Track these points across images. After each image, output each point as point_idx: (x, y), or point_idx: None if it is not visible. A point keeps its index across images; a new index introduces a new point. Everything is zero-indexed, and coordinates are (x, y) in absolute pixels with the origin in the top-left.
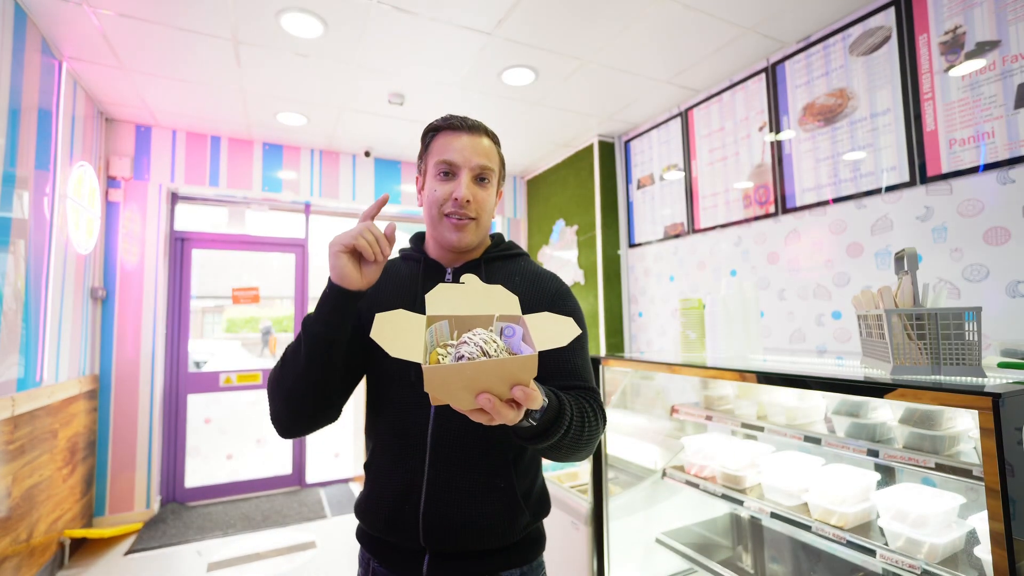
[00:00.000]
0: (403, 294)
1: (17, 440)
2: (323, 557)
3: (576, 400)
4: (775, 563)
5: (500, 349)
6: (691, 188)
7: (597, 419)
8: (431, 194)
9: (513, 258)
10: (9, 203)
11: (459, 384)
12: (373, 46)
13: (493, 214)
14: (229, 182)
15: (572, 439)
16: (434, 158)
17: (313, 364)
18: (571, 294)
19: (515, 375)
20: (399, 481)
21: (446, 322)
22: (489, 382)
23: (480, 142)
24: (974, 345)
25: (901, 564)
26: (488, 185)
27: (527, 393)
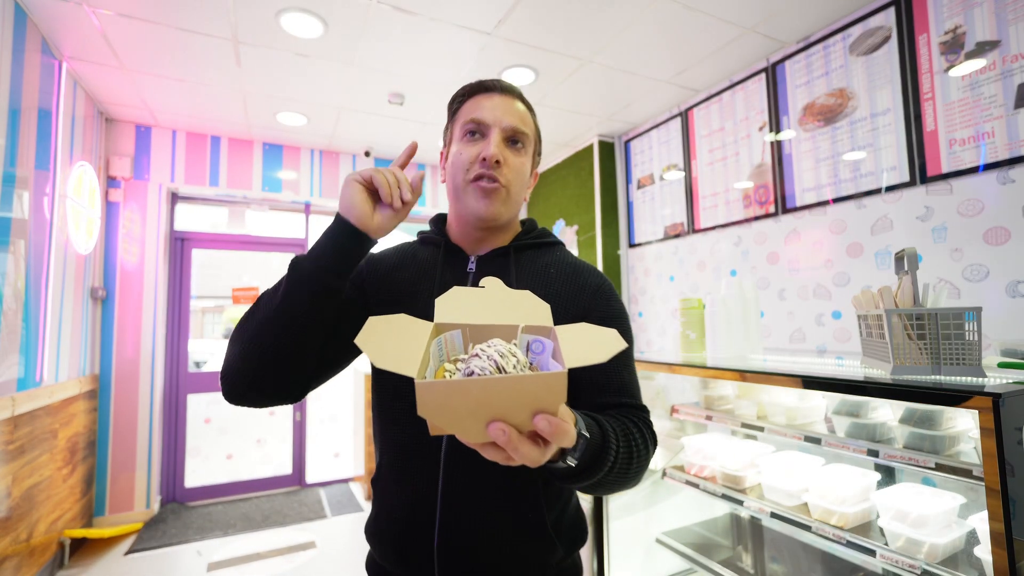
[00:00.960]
0: (421, 281)
1: (17, 440)
2: (323, 557)
3: (621, 424)
4: (775, 563)
5: (521, 365)
6: (691, 188)
7: (647, 445)
8: (455, 158)
9: (548, 247)
10: (9, 203)
11: (464, 407)
12: (373, 46)
13: (526, 191)
14: (229, 182)
15: (617, 474)
16: (462, 119)
17: (291, 305)
18: (615, 292)
19: (538, 399)
20: (408, 507)
21: (459, 332)
22: (504, 407)
23: (514, 104)
24: (974, 345)
25: (901, 564)
26: (522, 151)
27: (554, 426)
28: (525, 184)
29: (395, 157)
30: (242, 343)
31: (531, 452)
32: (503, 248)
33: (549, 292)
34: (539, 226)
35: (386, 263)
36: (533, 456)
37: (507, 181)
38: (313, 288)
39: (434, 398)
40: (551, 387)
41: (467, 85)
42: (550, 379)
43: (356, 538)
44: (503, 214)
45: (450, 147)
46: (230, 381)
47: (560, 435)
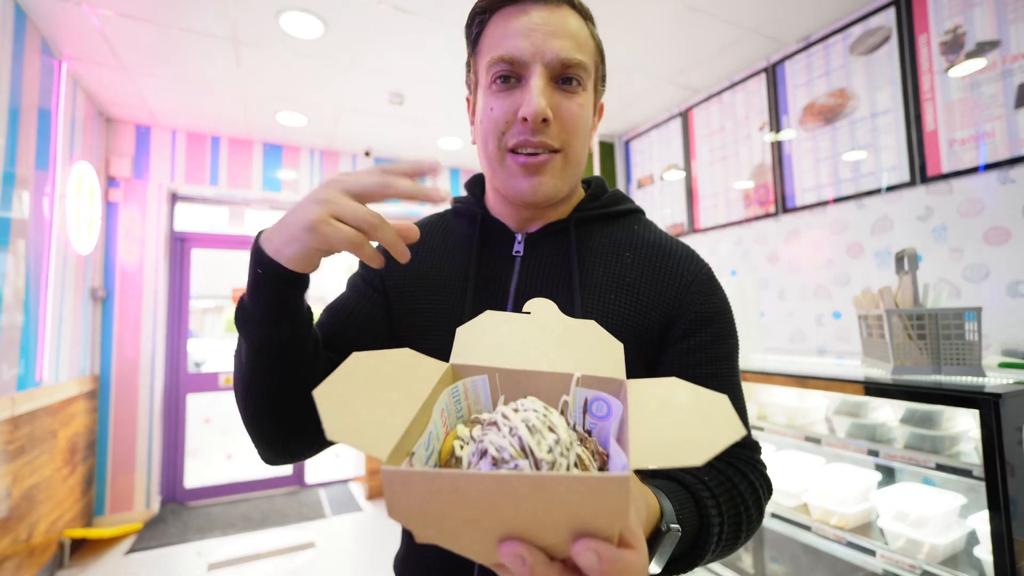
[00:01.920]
0: (452, 268)
1: (17, 440)
2: (323, 557)
3: (724, 484)
4: (775, 563)
5: (562, 447)
6: (691, 188)
7: (761, 504)
8: (485, 114)
9: (621, 218)
10: (9, 203)
11: (458, 514)
12: (373, 46)
13: (589, 143)
14: (229, 182)
15: (722, 554)
16: (486, 56)
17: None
18: (718, 284)
19: (582, 514)
20: (441, 557)
21: (485, 378)
22: (525, 520)
23: (561, 18)
24: (974, 345)
25: (901, 564)
26: (580, 92)
27: (608, 559)
28: (588, 135)
29: (395, 157)
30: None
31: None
32: (561, 222)
33: (624, 283)
34: (611, 188)
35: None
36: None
37: (562, 142)
38: (257, 349)
39: (412, 497)
40: (603, 499)
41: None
42: (601, 487)
43: (356, 538)
44: (560, 190)
45: (476, 95)
46: (262, 453)
47: (619, 573)
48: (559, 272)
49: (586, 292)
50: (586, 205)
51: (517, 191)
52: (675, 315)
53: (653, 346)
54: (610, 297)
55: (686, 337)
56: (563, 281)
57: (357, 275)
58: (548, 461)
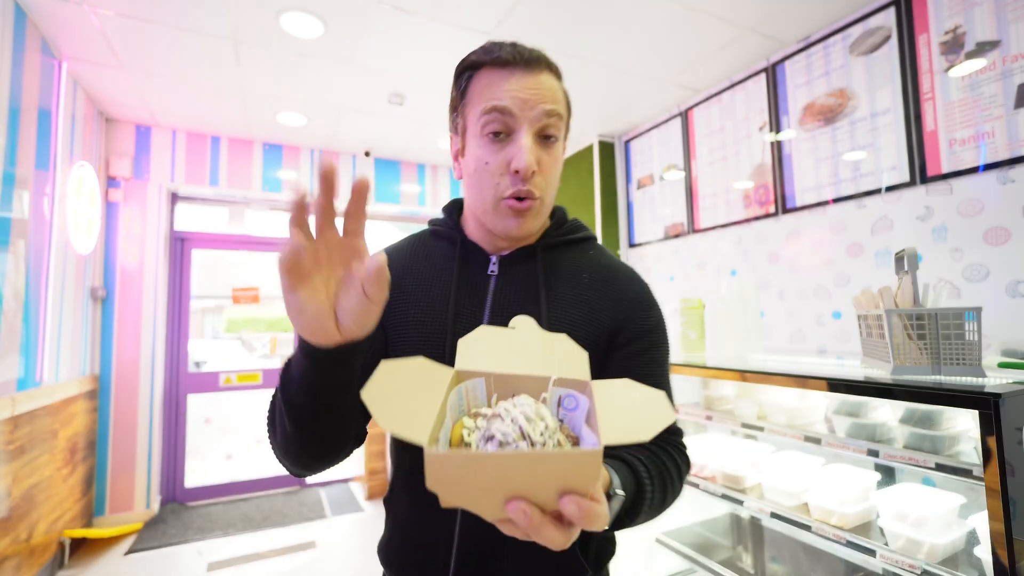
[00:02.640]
0: (435, 285)
1: (17, 440)
2: (323, 557)
3: (655, 459)
4: (775, 563)
5: (550, 431)
6: (691, 188)
7: (681, 477)
8: (478, 164)
9: (580, 244)
10: (9, 203)
11: (480, 483)
12: (373, 46)
13: (558, 184)
14: (229, 182)
15: (646, 516)
16: (477, 106)
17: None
18: (655, 302)
19: (566, 478)
20: (425, 532)
21: (482, 380)
22: (527, 484)
23: (542, 81)
24: (974, 345)
25: (901, 564)
26: (556, 144)
27: (584, 510)
28: (558, 179)
29: (395, 157)
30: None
31: (555, 536)
32: (530, 247)
33: (582, 300)
34: (569, 216)
35: (395, 265)
36: (557, 540)
37: (543, 190)
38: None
39: (446, 472)
40: (583, 467)
41: (477, 52)
42: (582, 458)
43: (356, 538)
44: (537, 227)
45: (465, 140)
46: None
47: (592, 519)
48: (529, 290)
49: (551, 307)
50: (551, 233)
51: (505, 229)
52: (620, 326)
53: (603, 351)
54: (571, 311)
55: (628, 344)
56: (532, 298)
57: None
58: (540, 442)
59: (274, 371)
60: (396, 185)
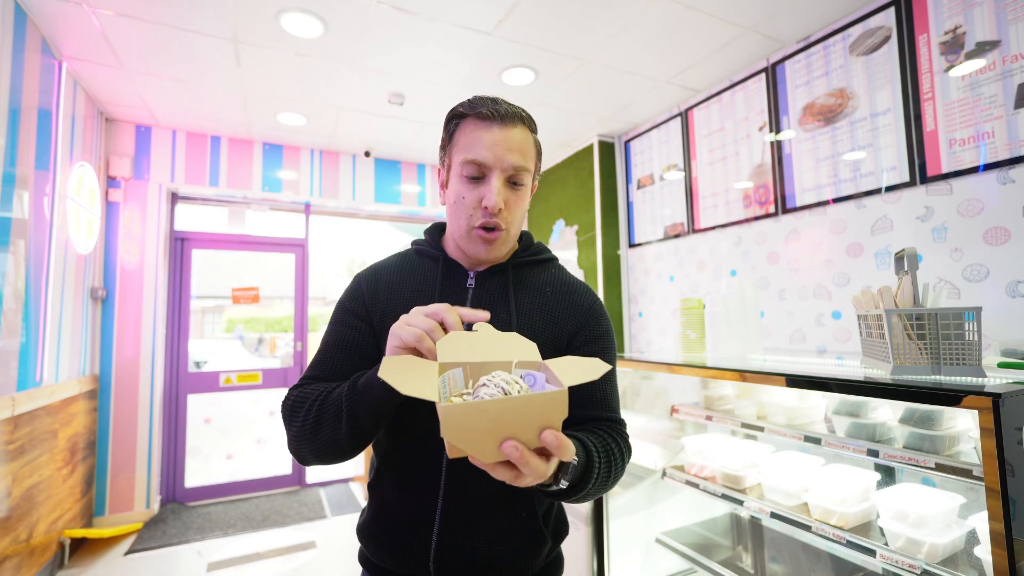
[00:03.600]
0: (421, 297)
1: (17, 440)
2: (323, 557)
3: (602, 440)
4: (775, 563)
5: (524, 391)
6: (691, 188)
7: (623, 458)
8: (457, 199)
9: (543, 264)
10: (9, 203)
11: (482, 427)
12: (373, 46)
13: (524, 218)
14: (229, 182)
15: (596, 488)
16: (460, 155)
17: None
18: (605, 312)
19: (544, 416)
20: (409, 512)
21: (460, 370)
22: (516, 425)
23: (513, 135)
24: (974, 345)
25: (901, 564)
26: (522, 189)
27: (559, 440)
28: (524, 217)
29: (395, 157)
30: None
31: (540, 465)
32: (501, 265)
33: (545, 309)
34: (535, 240)
35: (385, 280)
36: (541, 469)
37: (508, 223)
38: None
39: (456, 419)
40: (556, 404)
41: (463, 105)
42: (555, 397)
43: (356, 538)
44: (503, 252)
45: (449, 175)
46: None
47: (565, 449)
48: (501, 300)
49: (520, 314)
50: (520, 254)
51: (476, 253)
52: (576, 332)
53: (562, 351)
54: (536, 318)
55: (583, 347)
56: (504, 306)
57: (343, 311)
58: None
59: (274, 371)
60: (396, 185)
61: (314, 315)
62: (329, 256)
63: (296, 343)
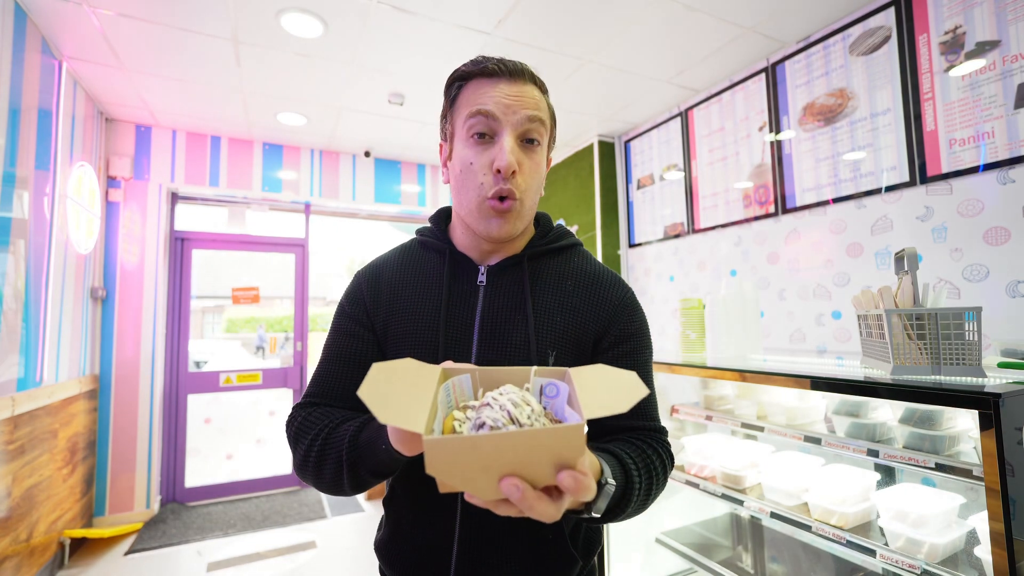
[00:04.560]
0: (426, 297)
1: (17, 440)
2: (323, 557)
3: (641, 452)
4: (775, 563)
5: (536, 414)
6: (691, 188)
7: (665, 472)
8: (462, 164)
9: (564, 252)
10: (9, 203)
11: (476, 464)
12: (373, 46)
13: (542, 189)
14: (229, 182)
15: (635, 509)
16: (464, 111)
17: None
18: (638, 306)
19: (555, 453)
20: (425, 535)
21: (467, 377)
22: (518, 461)
23: (526, 90)
24: (974, 345)
25: (901, 564)
26: (538, 149)
27: (577, 481)
28: (541, 184)
29: (395, 157)
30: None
31: (546, 509)
32: (516, 256)
33: (567, 307)
34: (555, 223)
35: (386, 280)
36: (549, 513)
37: (523, 191)
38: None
39: (444, 455)
40: (569, 441)
41: (466, 65)
42: (567, 432)
43: (356, 538)
44: (518, 229)
45: (452, 144)
46: None
47: (582, 491)
48: (516, 300)
49: (538, 316)
50: (537, 242)
51: (487, 230)
52: (604, 331)
53: (588, 354)
54: (556, 318)
55: (612, 348)
56: (519, 307)
57: (343, 317)
58: (528, 424)
59: (274, 371)
60: (396, 185)
61: (314, 315)
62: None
63: (296, 343)
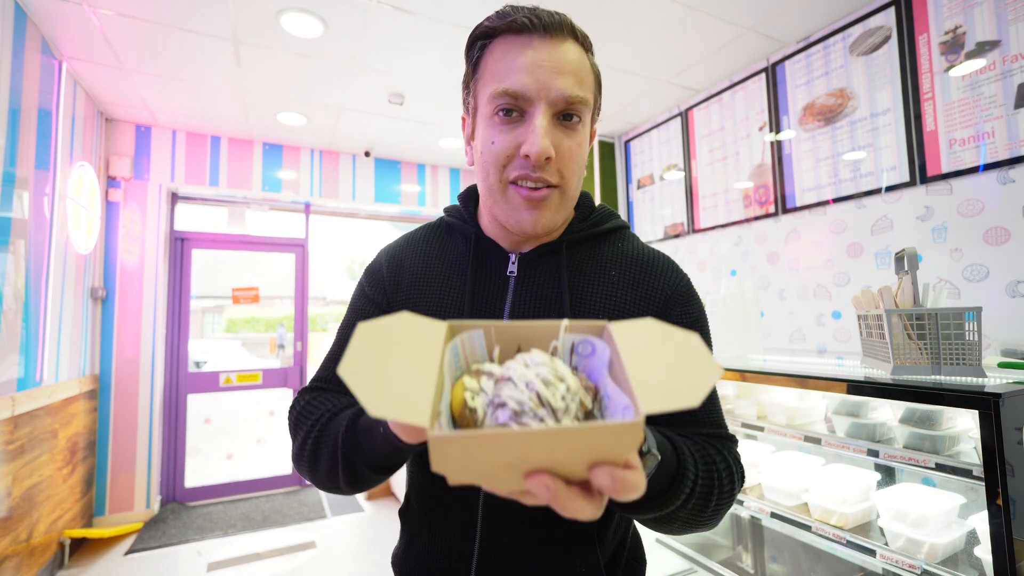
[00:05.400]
0: (449, 287)
1: (17, 440)
2: (323, 557)
3: (701, 450)
4: (775, 563)
5: (572, 395)
6: (691, 188)
7: (732, 480)
8: (486, 146)
9: (608, 236)
10: (9, 203)
11: (496, 462)
12: (373, 46)
13: (583, 172)
14: (229, 182)
15: (693, 510)
16: (489, 85)
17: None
18: (694, 294)
19: (601, 452)
20: (441, 561)
21: (480, 332)
22: (550, 459)
23: (563, 53)
24: (974, 345)
25: (901, 564)
26: (579, 127)
27: (619, 482)
28: (583, 168)
29: (395, 157)
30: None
31: (584, 509)
32: (552, 244)
33: (611, 301)
34: (597, 204)
35: (408, 265)
36: (586, 512)
37: (561, 179)
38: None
39: (456, 454)
40: (621, 440)
41: (491, 18)
42: (621, 432)
43: (356, 538)
44: (557, 222)
45: (476, 119)
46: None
47: (626, 490)
48: (551, 295)
49: (576, 313)
50: (576, 227)
51: (518, 223)
52: None
53: None
54: (600, 316)
55: None
56: (555, 304)
57: (362, 297)
58: (562, 408)
59: (274, 371)
60: (396, 185)
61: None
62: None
63: (296, 343)
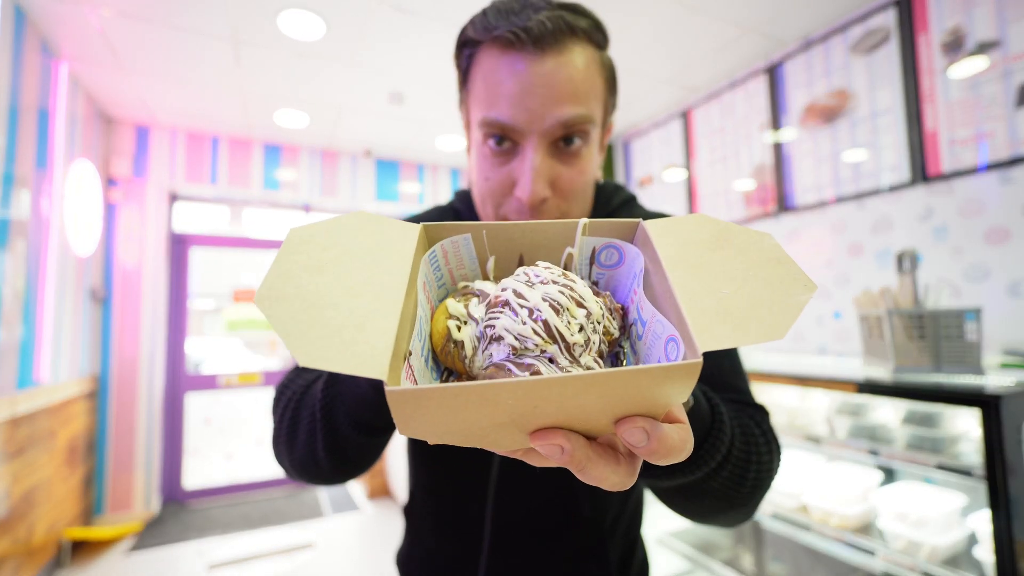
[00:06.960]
0: None
1: (17, 440)
2: (323, 557)
3: (738, 417)
4: (775, 563)
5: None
6: (691, 188)
7: (771, 452)
8: (479, 179)
9: (617, 214)
10: (9, 203)
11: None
12: (373, 46)
13: (592, 184)
14: (229, 182)
15: (729, 480)
16: (477, 109)
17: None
18: None
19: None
20: (446, 556)
21: (468, 236)
22: (565, 413)
23: (559, 69)
24: (975, 345)
25: (901, 564)
26: (582, 150)
27: (660, 439)
28: (591, 184)
29: (395, 157)
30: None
31: (610, 476)
32: None
33: None
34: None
35: None
36: (612, 480)
37: (561, 212)
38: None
39: (426, 415)
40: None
41: (476, 21)
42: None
43: (356, 538)
44: None
45: (469, 134)
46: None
47: (669, 453)
48: None
49: None
50: (597, 215)
51: None
52: None
53: None
54: None
55: None
56: None
57: None
58: (580, 343)
59: (274, 371)
60: (396, 185)
61: None
62: None
63: None
